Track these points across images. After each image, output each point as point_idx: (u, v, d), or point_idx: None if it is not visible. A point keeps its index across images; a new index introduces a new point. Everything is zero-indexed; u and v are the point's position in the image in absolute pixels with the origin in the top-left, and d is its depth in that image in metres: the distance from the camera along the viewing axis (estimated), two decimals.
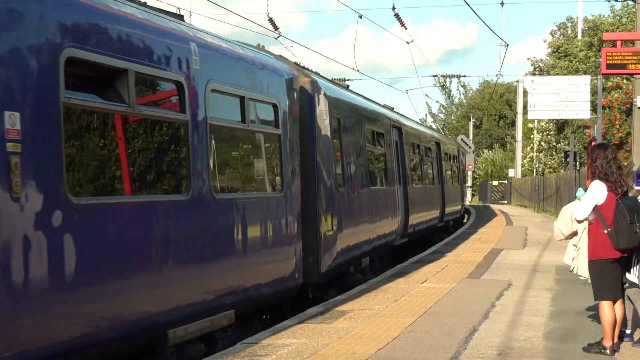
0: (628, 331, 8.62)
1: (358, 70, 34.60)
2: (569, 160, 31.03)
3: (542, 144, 47.91)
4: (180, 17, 9.14)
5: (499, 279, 14.00)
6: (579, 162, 30.69)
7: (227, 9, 79.66)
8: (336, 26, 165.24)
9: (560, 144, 45.60)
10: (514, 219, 34.22)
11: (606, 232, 7.94)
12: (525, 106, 42.54)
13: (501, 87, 75.55)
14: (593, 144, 8.58)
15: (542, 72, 45.91)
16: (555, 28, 49.92)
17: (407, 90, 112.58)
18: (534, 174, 50.78)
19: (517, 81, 57.88)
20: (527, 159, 55.02)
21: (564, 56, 42.15)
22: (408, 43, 31.93)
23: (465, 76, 61.88)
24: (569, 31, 47.98)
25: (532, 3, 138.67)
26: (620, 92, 33.89)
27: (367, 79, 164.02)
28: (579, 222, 8.39)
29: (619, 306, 8.13)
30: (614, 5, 41.72)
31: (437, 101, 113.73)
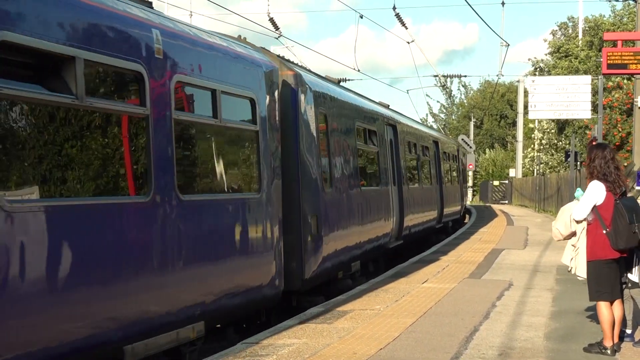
0: (629, 331, 8.60)
1: (359, 71, 34.26)
2: (569, 160, 30.83)
3: (544, 141, 47.38)
4: (149, 3, 8.36)
5: (499, 279, 13.94)
6: (579, 162, 30.30)
7: (227, 9, 79.29)
8: (337, 26, 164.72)
9: (562, 142, 45.11)
10: (514, 219, 34.13)
11: (605, 232, 7.94)
12: (526, 106, 42.20)
13: (503, 87, 75.34)
14: (594, 143, 8.39)
15: (542, 72, 45.66)
16: (557, 28, 49.99)
17: (408, 91, 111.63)
18: (535, 174, 50.39)
19: (518, 81, 57.59)
20: (527, 158, 54.65)
21: (565, 56, 42.28)
22: (409, 43, 32.04)
23: (466, 76, 61.34)
24: (570, 31, 47.70)
25: (533, 3, 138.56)
26: (620, 92, 33.76)
27: (367, 79, 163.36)
28: (578, 222, 8.35)
29: (617, 306, 8.12)
30: (615, 5, 42.41)
31: (438, 101, 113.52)
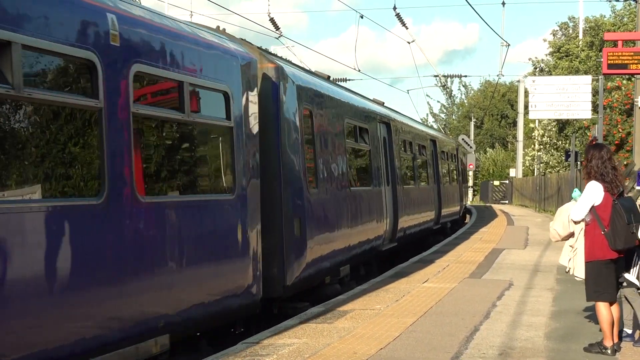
0: (629, 331, 8.58)
1: (359, 70, 33.90)
2: (569, 160, 30.31)
3: (545, 138, 46.77)
4: None
5: (500, 278, 13.90)
6: (579, 162, 29.75)
7: (228, 9, 78.70)
8: (337, 26, 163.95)
9: (562, 142, 44.54)
10: (515, 218, 34.10)
11: (603, 232, 7.92)
12: (526, 106, 41.75)
13: (503, 87, 74.84)
14: (594, 143, 7.94)
15: (543, 72, 45.21)
16: (557, 28, 49.68)
17: (409, 90, 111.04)
18: (535, 174, 49.82)
19: (519, 81, 57.02)
20: (528, 157, 54.08)
21: (565, 56, 42.10)
22: (409, 43, 32.08)
23: (466, 76, 60.98)
24: (570, 31, 47.29)
25: (534, 3, 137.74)
26: (620, 92, 33.46)
27: (368, 79, 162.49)
28: (576, 223, 8.26)
29: (616, 306, 8.14)
30: (615, 5, 42.56)
31: (439, 101, 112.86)
